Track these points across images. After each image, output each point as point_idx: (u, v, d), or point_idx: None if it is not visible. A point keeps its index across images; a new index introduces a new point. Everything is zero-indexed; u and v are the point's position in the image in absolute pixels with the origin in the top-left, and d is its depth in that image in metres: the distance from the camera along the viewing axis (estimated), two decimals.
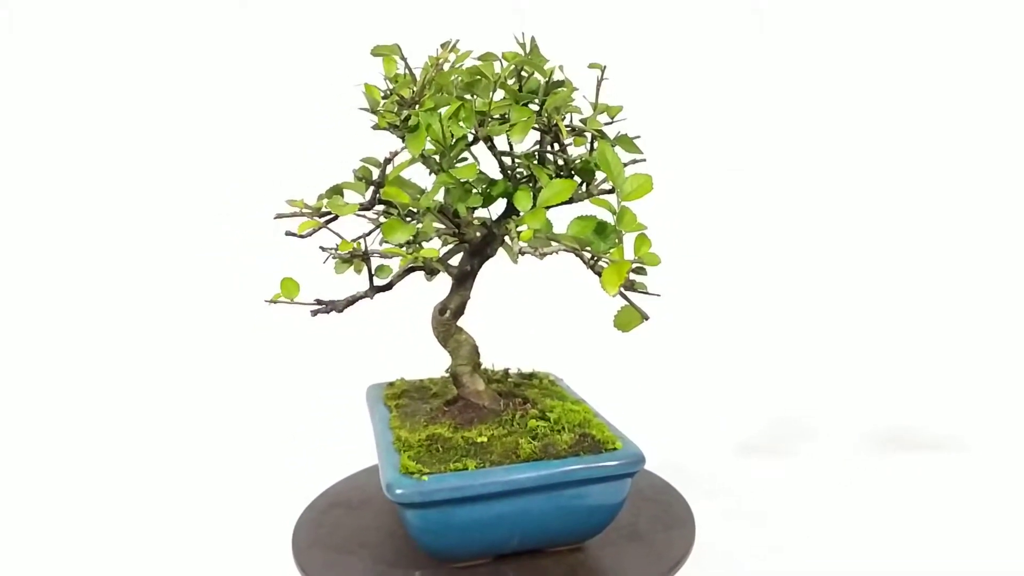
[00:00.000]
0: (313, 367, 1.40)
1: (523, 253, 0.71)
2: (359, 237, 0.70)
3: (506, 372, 1.01)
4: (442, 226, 0.78)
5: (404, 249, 0.69)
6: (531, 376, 1.01)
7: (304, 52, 1.58)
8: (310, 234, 0.69)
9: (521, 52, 0.79)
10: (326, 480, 1.02)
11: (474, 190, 0.79)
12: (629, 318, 0.77)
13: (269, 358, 1.46)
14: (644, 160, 0.87)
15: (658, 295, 0.75)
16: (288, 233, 0.69)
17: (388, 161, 0.68)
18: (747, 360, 1.49)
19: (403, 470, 0.74)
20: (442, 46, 0.81)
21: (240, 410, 1.32)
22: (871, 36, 1.65)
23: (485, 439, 0.79)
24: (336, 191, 0.79)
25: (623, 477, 0.77)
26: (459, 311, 0.87)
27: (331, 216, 0.71)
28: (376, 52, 0.80)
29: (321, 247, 0.67)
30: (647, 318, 0.76)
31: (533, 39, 0.84)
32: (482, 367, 0.89)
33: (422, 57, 0.79)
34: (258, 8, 1.60)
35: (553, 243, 0.72)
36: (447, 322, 0.87)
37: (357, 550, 0.84)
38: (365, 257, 0.67)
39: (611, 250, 0.73)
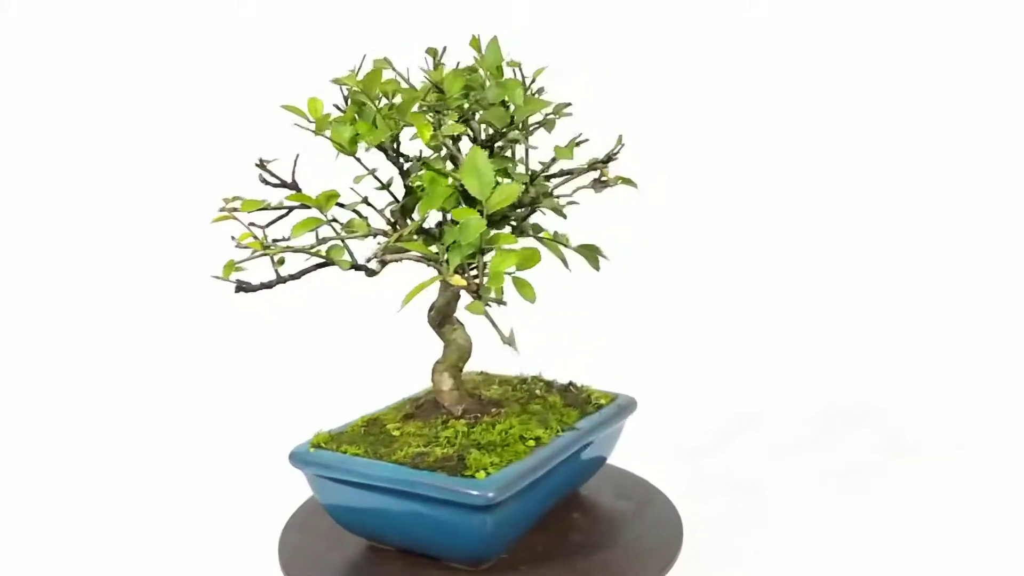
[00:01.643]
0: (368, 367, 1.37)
1: (369, 261, 0.72)
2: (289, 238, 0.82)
3: (568, 384, 0.98)
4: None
5: (306, 245, 0.78)
6: (578, 391, 0.95)
7: (305, 52, 1.55)
8: (266, 228, 0.84)
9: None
10: None
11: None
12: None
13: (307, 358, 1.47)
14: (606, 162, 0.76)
15: (491, 320, 0.67)
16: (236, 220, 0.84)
17: (264, 164, 0.77)
18: (734, 358, 1.48)
19: (312, 441, 0.83)
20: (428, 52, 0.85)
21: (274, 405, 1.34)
22: (866, 32, 1.63)
23: (397, 434, 0.82)
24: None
25: (464, 507, 0.72)
26: (445, 309, 0.89)
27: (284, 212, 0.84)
28: (377, 66, 0.88)
29: (232, 236, 0.80)
30: (505, 342, 0.70)
31: (495, 39, 0.81)
32: (460, 370, 0.90)
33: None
34: (255, 9, 1.60)
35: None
36: (434, 319, 0.90)
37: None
38: (266, 248, 0.78)
39: (448, 264, 0.69)
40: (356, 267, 0.81)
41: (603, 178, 0.92)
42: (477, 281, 0.69)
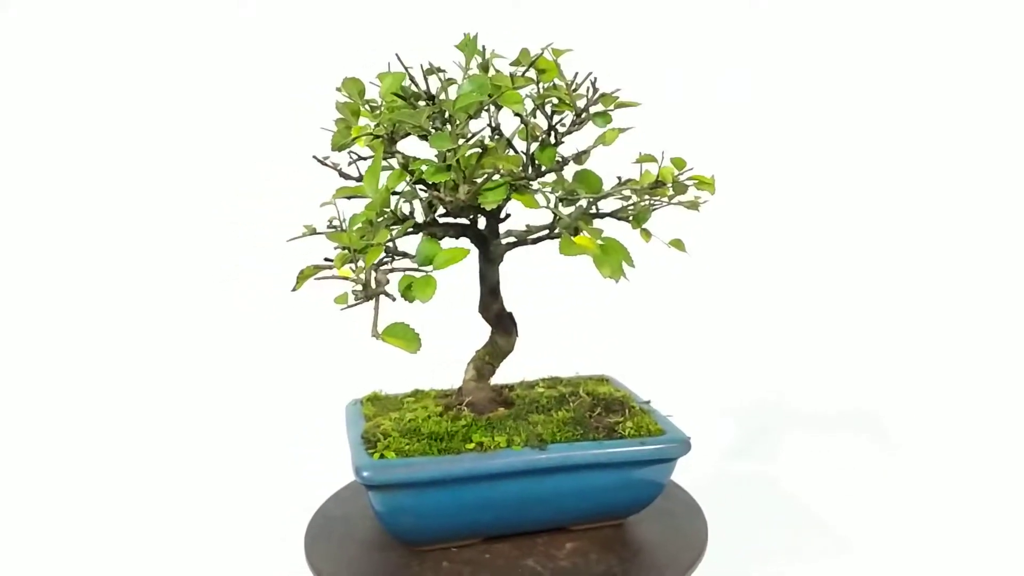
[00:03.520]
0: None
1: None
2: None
3: (623, 405, 0.91)
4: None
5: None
6: (627, 416, 0.88)
7: (304, 52, 1.54)
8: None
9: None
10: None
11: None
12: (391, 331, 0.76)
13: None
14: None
15: (376, 313, 0.72)
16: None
17: (323, 160, 0.93)
18: (750, 359, 1.51)
19: (365, 396, 0.99)
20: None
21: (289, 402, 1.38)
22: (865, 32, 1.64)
23: (404, 407, 0.92)
24: None
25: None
26: (485, 298, 0.92)
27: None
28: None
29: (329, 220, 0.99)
30: (373, 335, 0.74)
31: (471, 37, 0.81)
32: (490, 365, 0.91)
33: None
34: (255, 9, 1.57)
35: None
36: (483, 314, 0.94)
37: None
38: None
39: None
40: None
41: (661, 181, 0.82)
42: (363, 276, 0.75)
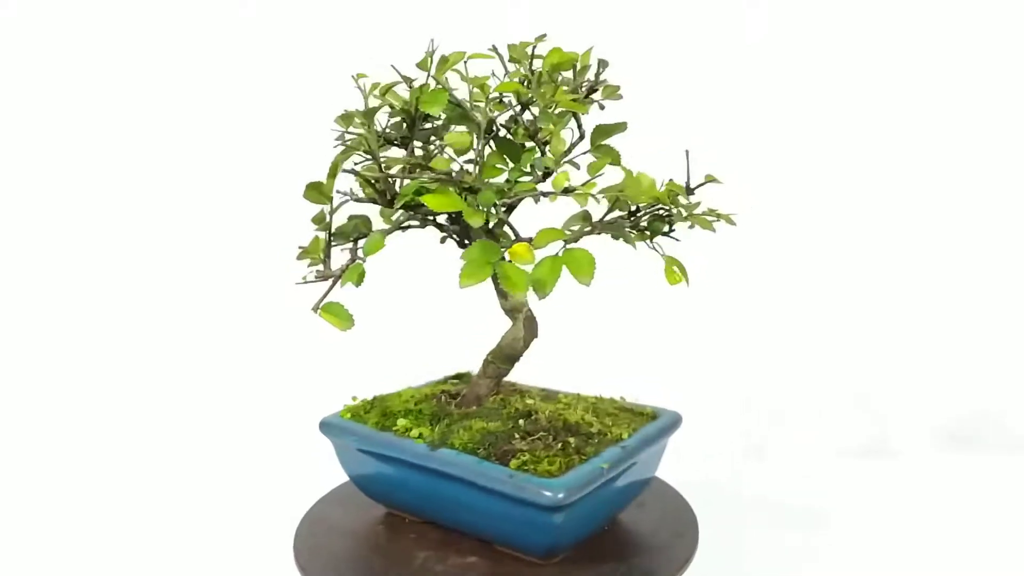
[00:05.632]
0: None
1: None
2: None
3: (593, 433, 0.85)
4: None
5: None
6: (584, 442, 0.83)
7: (305, 51, 1.55)
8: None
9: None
10: None
11: None
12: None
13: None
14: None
15: (301, 282, 0.83)
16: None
17: None
18: (744, 361, 1.52)
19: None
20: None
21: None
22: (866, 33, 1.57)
23: (409, 399, 0.99)
24: None
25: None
26: (499, 299, 0.93)
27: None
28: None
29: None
30: (312, 309, 0.85)
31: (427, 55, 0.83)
32: (491, 364, 0.92)
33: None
34: (255, 9, 1.58)
35: None
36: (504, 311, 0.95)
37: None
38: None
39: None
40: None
41: None
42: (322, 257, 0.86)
